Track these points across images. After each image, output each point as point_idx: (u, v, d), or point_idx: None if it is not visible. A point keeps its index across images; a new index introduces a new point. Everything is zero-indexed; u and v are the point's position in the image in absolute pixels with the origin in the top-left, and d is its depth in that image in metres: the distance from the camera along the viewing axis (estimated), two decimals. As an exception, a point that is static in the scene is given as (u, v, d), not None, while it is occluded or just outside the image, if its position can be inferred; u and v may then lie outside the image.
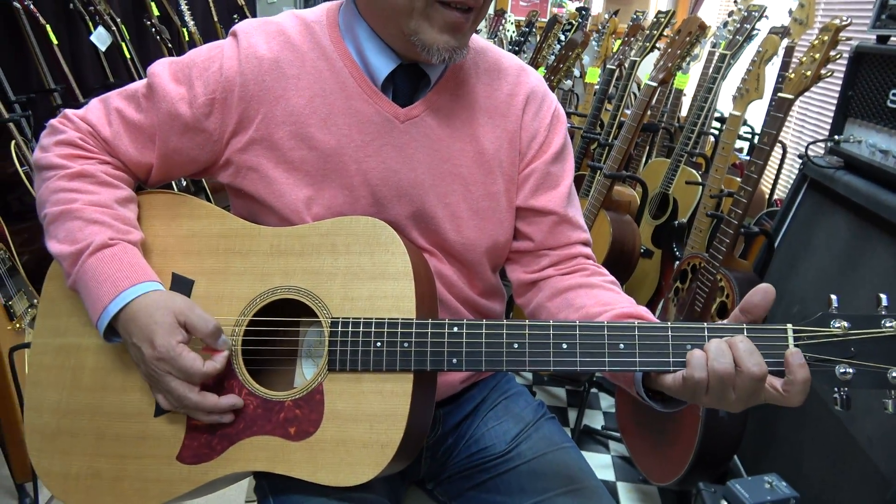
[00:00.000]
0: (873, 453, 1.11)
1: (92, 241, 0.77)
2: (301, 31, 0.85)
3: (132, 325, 0.75)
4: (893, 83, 1.29)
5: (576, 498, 0.87)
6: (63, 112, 0.86)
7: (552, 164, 0.91)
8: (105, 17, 2.72)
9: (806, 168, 1.58)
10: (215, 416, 0.76)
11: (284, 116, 0.82)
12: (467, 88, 0.88)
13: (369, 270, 0.78)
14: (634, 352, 0.68)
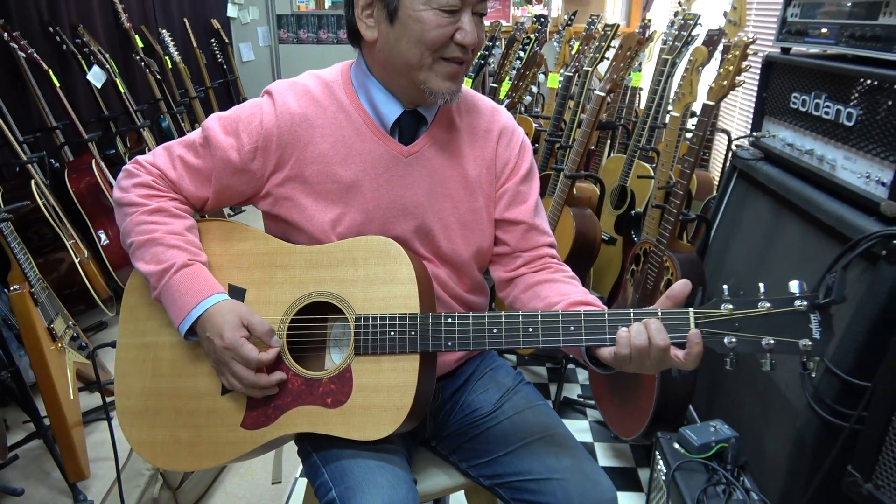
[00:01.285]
0: (788, 393, 1.37)
1: (175, 262, 1.01)
2: (322, 90, 1.09)
3: (207, 324, 0.99)
4: (794, 87, 1.55)
5: (548, 443, 1.11)
6: (135, 159, 1.10)
7: (521, 184, 1.17)
8: (99, 57, 2.91)
9: (735, 160, 1.83)
10: (266, 391, 1.00)
11: (313, 158, 1.06)
12: (455, 125, 1.13)
13: (383, 277, 1.02)
14: (581, 332, 0.93)
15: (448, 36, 0.99)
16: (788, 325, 0.86)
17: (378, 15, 1.01)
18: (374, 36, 1.02)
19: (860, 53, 1.29)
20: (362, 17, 1.03)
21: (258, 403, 1.02)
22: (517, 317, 0.95)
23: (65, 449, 1.76)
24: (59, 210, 2.39)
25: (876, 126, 1.24)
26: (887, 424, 1.01)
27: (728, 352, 0.89)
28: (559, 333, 0.94)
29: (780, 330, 0.86)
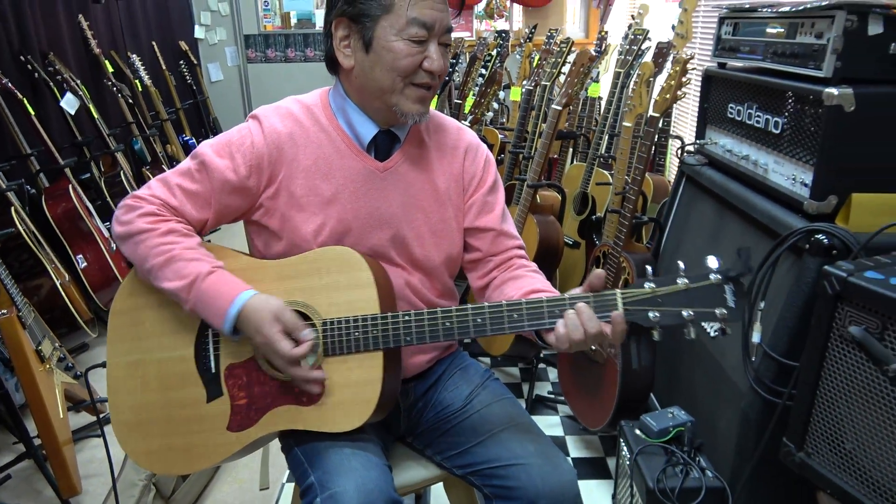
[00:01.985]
0: (735, 378, 1.50)
1: (200, 272, 1.09)
2: (304, 113, 1.20)
3: (246, 322, 1.07)
4: (730, 98, 1.69)
5: (513, 432, 1.22)
6: (132, 194, 1.17)
7: (488, 195, 1.29)
8: (72, 84, 2.96)
9: (682, 165, 1.97)
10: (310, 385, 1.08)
11: (298, 173, 1.17)
12: (425, 143, 1.25)
13: (345, 284, 1.11)
14: (524, 319, 1.03)
15: (417, 64, 1.10)
16: (706, 297, 0.98)
17: (354, 45, 1.13)
18: (352, 64, 1.14)
19: (782, 68, 1.44)
20: (340, 47, 1.14)
21: (241, 409, 1.12)
22: (466, 310, 1.06)
23: (57, 466, 1.82)
24: (38, 235, 2.44)
25: (798, 133, 1.38)
26: (813, 398, 1.14)
27: (654, 325, 1.01)
28: (504, 322, 1.04)
29: (699, 302, 0.98)
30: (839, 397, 1.09)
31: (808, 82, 1.33)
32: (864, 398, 1.05)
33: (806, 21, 1.35)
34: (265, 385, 1.12)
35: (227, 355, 1.15)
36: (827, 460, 1.13)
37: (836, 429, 1.11)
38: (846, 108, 1.24)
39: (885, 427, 1.02)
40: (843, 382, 1.09)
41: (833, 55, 1.26)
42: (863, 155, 1.27)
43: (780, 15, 1.45)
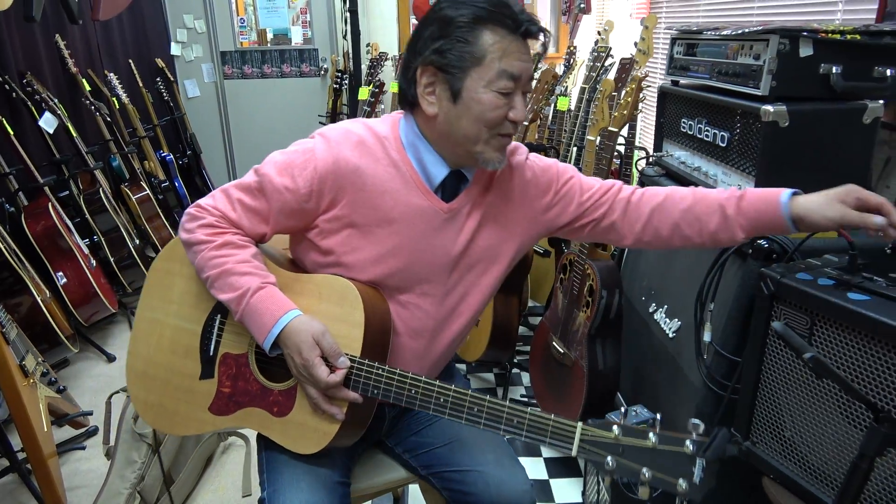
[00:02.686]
0: (691, 375, 1.60)
1: (249, 287, 1.11)
2: (376, 144, 1.17)
3: (287, 341, 1.10)
4: (683, 114, 1.80)
5: (476, 440, 1.29)
6: (196, 203, 1.19)
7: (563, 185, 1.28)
8: (50, 104, 3.00)
9: (642, 176, 2.08)
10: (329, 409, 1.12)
11: (362, 202, 1.15)
12: (490, 181, 1.25)
13: (338, 316, 1.15)
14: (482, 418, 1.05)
15: (504, 115, 1.11)
16: (672, 464, 0.92)
17: (440, 94, 1.12)
18: (435, 112, 1.13)
19: (726, 87, 1.55)
20: (424, 94, 1.13)
21: (224, 396, 1.20)
22: (433, 385, 1.09)
23: (42, 479, 1.86)
24: (19, 253, 2.48)
25: (741, 146, 1.49)
26: (755, 391, 1.24)
27: (607, 473, 0.97)
28: (463, 412, 1.07)
29: (663, 466, 0.92)
30: (777, 389, 1.19)
31: (748, 100, 1.44)
32: (796, 389, 1.15)
33: (745, 44, 1.47)
34: (248, 383, 1.19)
35: (227, 343, 1.22)
36: (770, 448, 1.23)
37: (777, 418, 1.20)
38: (781, 123, 1.36)
39: (815, 414, 1.12)
40: (779, 375, 1.19)
41: (769, 75, 1.38)
42: (797, 166, 1.38)
43: (723, 38, 1.56)
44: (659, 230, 1.26)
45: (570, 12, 4.56)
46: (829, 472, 1.10)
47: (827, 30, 1.36)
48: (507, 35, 1.08)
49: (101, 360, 2.89)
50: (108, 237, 3.19)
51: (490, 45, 1.07)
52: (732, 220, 1.19)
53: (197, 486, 2.03)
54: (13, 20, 3.10)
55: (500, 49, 1.07)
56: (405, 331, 1.24)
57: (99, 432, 2.30)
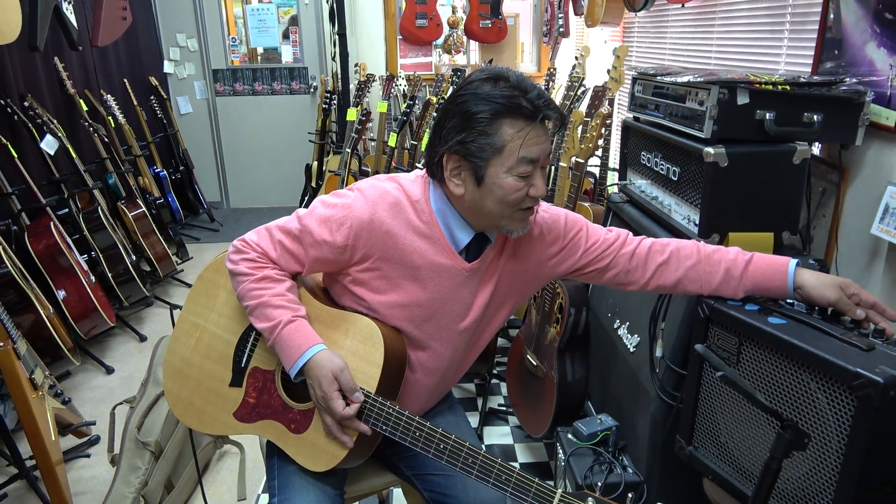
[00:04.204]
0: (647, 387, 1.76)
1: (281, 320, 1.24)
2: (409, 207, 1.27)
3: (311, 372, 1.23)
4: (642, 147, 1.97)
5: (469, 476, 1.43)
6: (242, 238, 1.32)
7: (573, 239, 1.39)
8: (51, 126, 3.14)
9: (609, 202, 2.25)
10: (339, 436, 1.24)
11: (393, 258, 1.27)
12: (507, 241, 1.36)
13: (360, 353, 1.27)
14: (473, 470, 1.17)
15: (525, 195, 1.21)
16: None
17: (466, 178, 1.22)
18: (462, 192, 1.23)
19: (676, 127, 1.72)
20: (450, 177, 1.23)
21: (249, 404, 1.34)
22: (436, 432, 1.20)
23: (50, 485, 2.00)
24: (24, 271, 2.61)
25: (689, 181, 1.67)
26: (696, 401, 1.41)
27: None
28: (458, 460, 1.18)
29: None
30: (714, 400, 1.36)
31: (694, 140, 1.62)
32: (729, 400, 1.32)
33: (691, 90, 1.64)
34: (272, 398, 1.34)
35: (258, 358, 1.36)
36: (709, 452, 1.40)
37: (714, 426, 1.37)
38: (721, 163, 1.53)
39: (744, 422, 1.29)
40: (715, 388, 1.36)
41: (711, 120, 1.55)
42: (736, 201, 1.56)
43: (673, 83, 1.74)
44: (663, 285, 1.38)
45: (550, 34, 4.76)
46: (756, 472, 1.27)
47: (761, 81, 1.54)
48: (525, 124, 1.17)
49: (100, 372, 3.02)
50: (106, 254, 3.33)
51: (509, 135, 1.17)
52: (737, 281, 1.32)
53: (195, 491, 2.17)
54: (15, 45, 3.23)
55: (518, 138, 1.17)
56: (421, 370, 1.38)
57: (100, 441, 2.44)
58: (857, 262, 1.69)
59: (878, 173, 1.61)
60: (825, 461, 1.12)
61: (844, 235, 1.74)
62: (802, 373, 1.15)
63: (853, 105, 1.56)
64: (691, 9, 2.89)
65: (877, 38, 1.62)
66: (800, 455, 1.16)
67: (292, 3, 5.29)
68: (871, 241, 1.63)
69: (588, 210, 2.82)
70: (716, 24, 2.67)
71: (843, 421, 1.08)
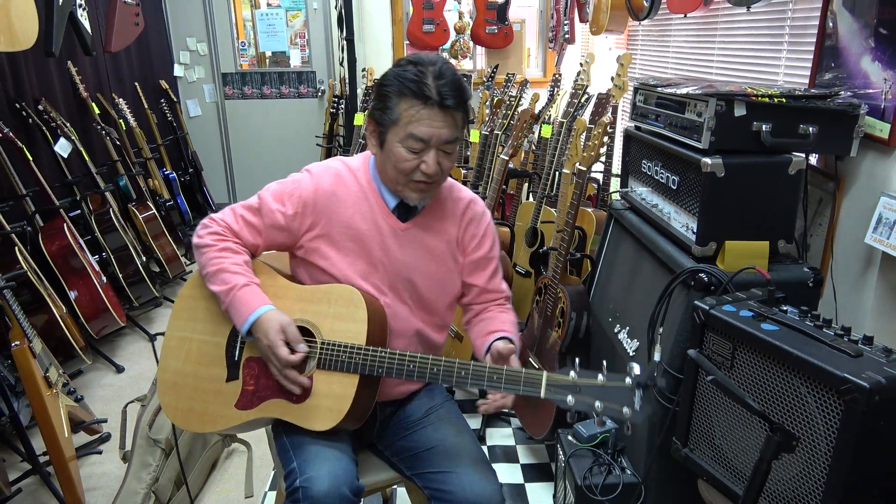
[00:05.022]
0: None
1: (237, 283, 1.40)
2: (349, 175, 1.48)
3: (259, 327, 1.37)
4: (643, 156, 2.02)
5: (454, 446, 1.48)
6: (209, 216, 1.49)
7: (482, 258, 1.57)
8: (65, 130, 3.21)
9: (611, 209, 2.30)
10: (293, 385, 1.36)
11: (338, 222, 1.45)
12: (439, 211, 1.53)
13: (345, 316, 1.40)
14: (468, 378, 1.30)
15: (414, 167, 1.37)
16: (618, 396, 1.18)
17: (376, 141, 1.42)
18: (375, 153, 1.44)
19: (676, 137, 1.77)
20: (369, 137, 1.43)
21: (248, 392, 1.41)
22: (427, 359, 1.33)
23: (63, 480, 2.05)
24: (38, 271, 2.67)
25: (688, 190, 1.71)
26: (692, 405, 1.45)
27: (569, 408, 1.21)
28: (452, 377, 1.32)
29: (611, 398, 1.18)
30: (708, 403, 1.41)
31: (692, 151, 1.66)
32: (722, 403, 1.36)
33: (690, 102, 1.69)
34: (269, 379, 1.41)
35: (249, 349, 1.44)
36: (704, 453, 1.44)
37: (708, 428, 1.42)
38: (718, 174, 1.57)
39: (737, 425, 1.33)
40: (709, 391, 1.40)
41: (708, 131, 1.59)
42: (733, 210, 1.60)
43: (673, 95, 1.78)
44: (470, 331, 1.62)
45: (555, 40, 4.81)
46: (748, 473, 1.31)
47: (758, 93, 1.58)
48: (418, 105, 1.33)
49: (110, 371, 3.08)
50: (117, 255, 3.39)
51: (404, 111, 1.35)
52: None
53: (203, 488, 2.22)
54: (31, 51, 3.30)
55: (408, 116, 1.34)
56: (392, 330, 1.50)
57: (111, 438, 2.49)
58: (852, 271, 1.73)
59: (872, 184, 1.65)
60: (814, 463, 1.16)
61: (840, 244, 1.78)
62: (793, 377, 1.19)
63: (848, 117, 1.60)
64: (694, 19, 2.93)
65: (872, 52, 1.66)
66: (790, 457, 1.20)
67: (301, 7, 5.36)
68: (865, 249, 1.67)
69: (591, 216, 2.86)
70: (717, 34, 2.72)
71: (831, 424, 1.13)
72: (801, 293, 1.57)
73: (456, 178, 3.50)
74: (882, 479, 1.13)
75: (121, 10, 3.60)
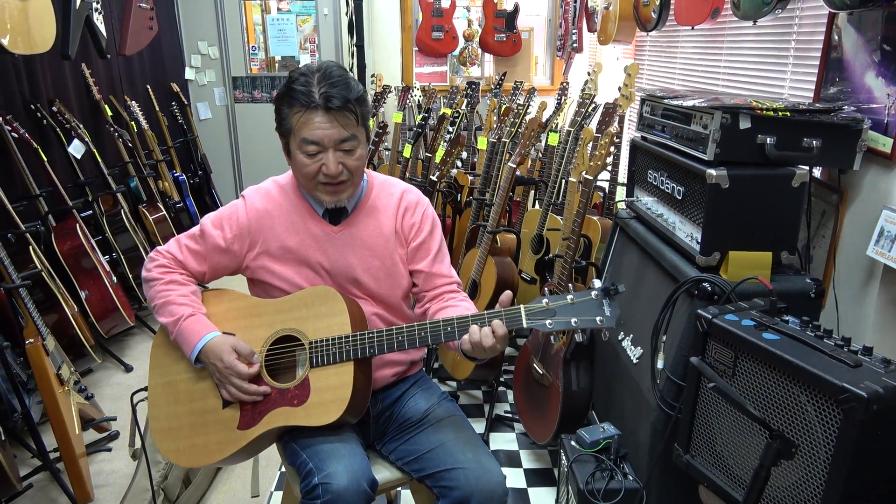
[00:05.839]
0: (649, 397, 1.83)
1: (183, 314, 1.48)
2: (279, 191, 1.58)
3: (210, 353, 1.43)
4: (649, 166, 2.05)
5: (457, 443, 1.51)
6: (156, 249, 1.59)
7: (423, 243, 1.62)
8: (79, 131, 3.25)
9: (616, 218, 2.32)
10: (254, 397, 1.43)
11: (274, 239, 1.54)
12: (371, 207, 1.59)
13: (325, 313, 1.46)
14: (454, 331, 1.36)
15: (316, 170, 1.44)
16: (588, 308, 1.31)
17: (285, 151, 1.50)
18: (289, 164, 1.51)
19: (681, 148, 1.80)
20: (283, 150, 1.50)
21: (248, 411, 1.44)
22: (413, 326, 1.40)
23: (73, 476, 2.09)
24: (51, 270, 2.71)
25: (693, 201, 1.74)
26: (693, 412, 1.48)
27: (550, 330, 1.32)
28: (440, 334, 1.38)
29: (583, 312, 1.31)
30: (710, 410, 1.43)
31: (697, 162, 1.69)
32: (724, 410, 1.39)
33: (696, 114, 1.72)
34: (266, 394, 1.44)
35: None
36: (705, 460, 1.46)
37: (709, 435, 1.44)
38: (723, 185, 1.60)
39: (738, 432, 1.35)
40: (710, 399, 1.42)
41: (714, 143, 1.62)
42: (736, 221, 1.63)
43: (679, 107, 1.81)
44: None
45: (563, 49, 4.85)
46: (748, 480, 1.33)
47: (763, 107, 1.61)
48: (304, 110, 1.39)
49: (119, 370, 3.12)
50: (127, 255, 3.43)
51: (293, 119, 1.42)
52: None
53: (210, 487, 2.25)
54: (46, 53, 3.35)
55: (297, 121, 1.41)
56: None
57: (120, 436, 2.53)
58: (854, 282, 1.76)
59: (875, 197, 1.68)
60: (813, 470, 1.19)
61: (842, 256, 1.80)
62: (793, 386, 1.22)
63: (851, 132, 1.63)
64: (701, 32, 2.97)
65: (876, 67, 1.69)
66: (790, 464, 1.22)
67: (311, 12, 5.41)
68: (867, 262, 1.69)
69: (597, 224, 2.89)
70: (724, 47, 2.75)
71: (830, 432, 1.15)
72: (803, 304, 1.59)
73: (463, 184, 3.55)
74: (880, 487, 1.15)
75: (136, 14, 3.65)
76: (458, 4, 5.19)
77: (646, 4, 3.14)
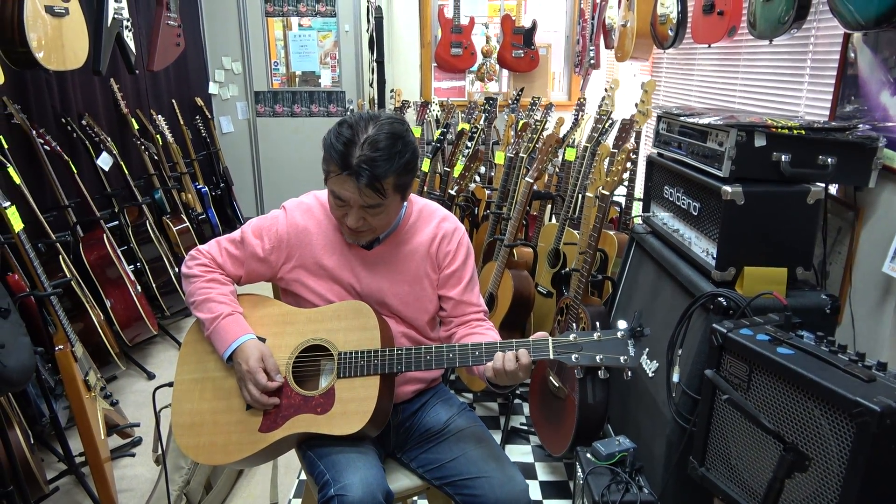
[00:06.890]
0: (664, 410, 1.85)
1: (222, 312, 1.52)
2: (319, 210, 1.61)
3: (240, 354, 1.47)
4: (665, 181, 2.08)
5: (479, 452, 1.54)
6: (197, 247, 1.63)
7: (456, 271, 1.65)
8: (107, 144, 3.35)
9: (632, 233, 2.35)
10: (266, 406, 1.47)
11: (310, 255, 1.59)
12: (407, 232, 1.62)
13: (356, 327, 1.50)
14: (482, 356, 1.40)
15: (342, 215, 1.49)
16: (614, 347, 1.34)
17: None
18: None
19: (697, 164, 1.83)
20: None
21: (271, 415, 1.48)
22: (442, 347, 1.45)
23: (98, 480, 2.14)
24: (79, 279, 2.79)
25: (708, 216, 1.76)
26: (709, 425, 1.49)
27: (575, 364, 1.36)
28: (468, 357, 1.42)
29: (609, 350, 1.34)
30: (724, 423, 1.45)
31: (713, 179, 1.72)
32: (739, 424, 1.41)
33: (711, 132, 1.75)
34: (291, 398, 1.48)
35: None
36: (720, 473, 1.48)
37: (725, 448, 1.46)
38: (738, 201, 1.63)
39: (752, 445, 1.37)
40: (725, 412, 1.44)
41: (729, 160, 1.65)
42: (751, 237, 1.65)
43: (695, 124, 1.84)
44: None
45: (581, 65, 4.89)
46: (763, 493, 1.35)
47: (778, 125, 1.64)
48: (338, 171, 1.43)
49: (142, 378, 3.18)
50: (152, 265, 3.51)
51: (329, 171, 1.46)
52: None
53: (231, 493, 2.29)
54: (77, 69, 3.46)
55: (332, 176, 1.46)
56: None
57: (143, 442, 2.58)
58: (870, 299, 1.77)
59: (891, 214, 1.69)
60: (827, 483, 1.20)
61: (858, 272, 1.81)
62: (807, 400, 1.24)
63: (866, 150, 1.65)
64: (717, 49, 3.00)
65: (891, 86, 1.71)
66: (803, 477, 1.24)
67: (332, 28, 5.51)
68: (883, 279, 1.70)
69: (613, 238, 2.91)
70: (740, 65, 2.77)
71: (843, 446, 1.17)
72: (819, 320, 1.61)
73: (480, 198, 3.59)
74: (894, 501, 1.16)
75: (164, 31, 3.75)
76: (476, 21, 5.27)
77: (663, 22, 3.18)
